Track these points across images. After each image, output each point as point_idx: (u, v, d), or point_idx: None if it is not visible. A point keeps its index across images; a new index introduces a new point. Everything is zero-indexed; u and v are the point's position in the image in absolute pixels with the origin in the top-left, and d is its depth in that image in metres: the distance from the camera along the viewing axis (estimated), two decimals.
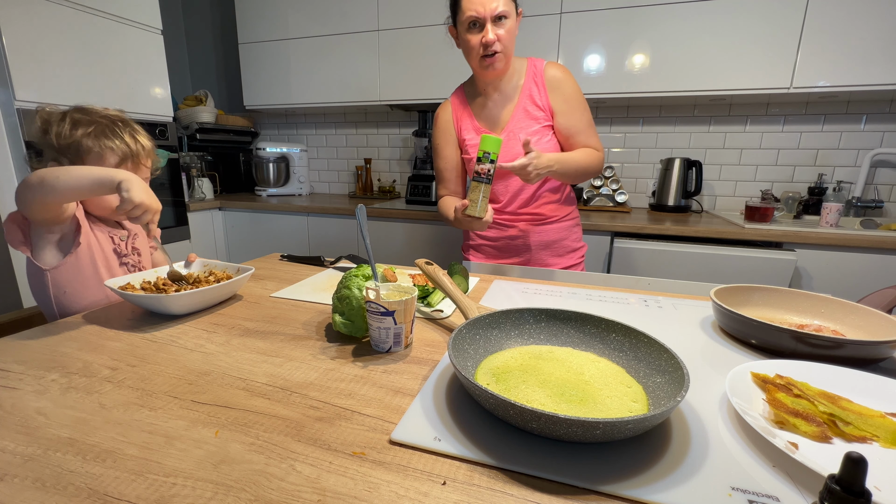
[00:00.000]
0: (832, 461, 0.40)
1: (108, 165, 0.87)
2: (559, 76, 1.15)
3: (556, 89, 1.15)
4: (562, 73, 1.16)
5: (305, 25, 2.35)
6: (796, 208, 1.93)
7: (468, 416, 0.47)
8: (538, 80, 1.16)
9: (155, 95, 2.01)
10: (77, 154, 0.85)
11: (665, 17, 1.80)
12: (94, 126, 0.87)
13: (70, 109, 0.89)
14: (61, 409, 0.48)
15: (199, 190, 2.43)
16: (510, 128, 1.17)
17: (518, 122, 1.17)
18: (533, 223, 1.23)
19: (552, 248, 1.25)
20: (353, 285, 0.65)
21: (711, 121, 2.11)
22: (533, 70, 1.16)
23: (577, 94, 1.16)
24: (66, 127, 0.85)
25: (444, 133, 1.24)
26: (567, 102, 1.15)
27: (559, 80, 1.15)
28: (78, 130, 0.85)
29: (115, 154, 0.88)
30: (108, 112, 0.91)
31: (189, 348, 0.64)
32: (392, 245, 2.17)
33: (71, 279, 0.85)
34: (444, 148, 1.25)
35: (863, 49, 1.60)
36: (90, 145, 0.86)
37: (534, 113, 1.16)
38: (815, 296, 0.74)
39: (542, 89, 1.15)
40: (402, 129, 2.65)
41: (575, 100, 1.16)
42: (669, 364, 0.50)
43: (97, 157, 0.87)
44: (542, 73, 1.16)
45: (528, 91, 1.16)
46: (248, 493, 0.37)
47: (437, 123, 1.26)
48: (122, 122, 0.91)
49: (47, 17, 1.58)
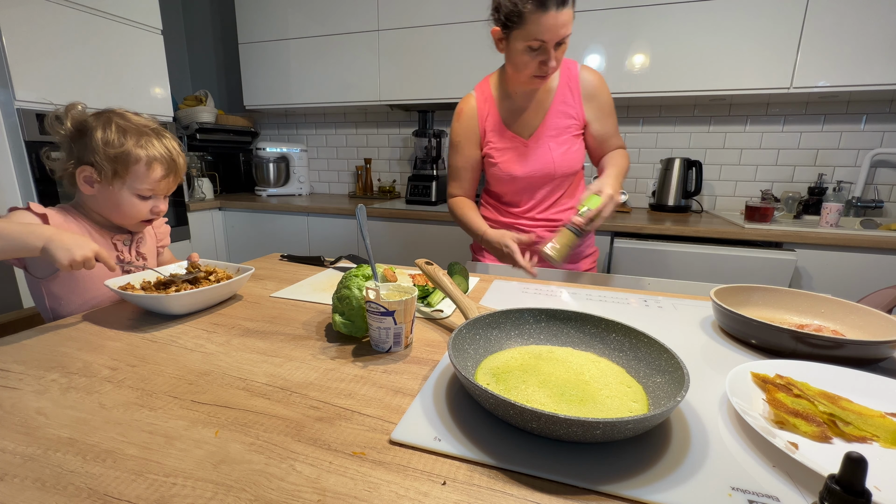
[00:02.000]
0: (832, 461, 0.40)
1: (154, 176, 0.86)
2: (594, 84, 1.12)
3: (590, 98, 1.12)
4: (597, 80, 1.12)
5: (305, 25, 2.35)
6: (796, 208, 1.93)
7: (468, 416, 0.47)
8: (572, 84, 1.12)
9: (155, 95, 2.01)
10: (125, 162, 0.84)
11: (665, 17, 1.80)
12: (144, 137, 0.85)
13: (108, 112, 0.86)
14: (61, 409, 0.48)
15: (199, 190, 2.43)
16: (539, 135, 1.14)
17: (548, 129, 1.13)
18: (550, 229, 1.20)
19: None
20: (353, 285, 0.65)
21: (711, 121, 2.11)
22: (567, 74, 1.12)
23: (609, 101, 1.14)
24: (113, 133, 0.83)
25: (467, 130, 1.18)
26: (601, 110, 1.13)
27: (594, 88, 1.12)
28: (128, 139, 0.83)
29: (162, 165, 0.87)
30: (142, 118, 0.90)
31: (189, 348, 0.64)
32: (392, 245, 2.17)
33: (66, 290, 0.85)
34: (465, 146, 1.20)
35: (863, 49, 1.60)
36: (140, 154, 0.84)
37: (565, 122, 1.13)
38: (815, 296, 0.74)
39: (575, 96, 1.12)
40: (402, 129, 2.65)
41: (608, 107, 1.14)
42: (669, 364, 0.50)
43: (145, 166, 0.85)
44: (576, 78, 1.12)
45: (561, 97, 1.12)
46: (248, 493, 0.37)
47: (459, 119, 1.19)
48: (164, 132, 0.90)
49: (47, 17, 1.58)
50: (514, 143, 1.15)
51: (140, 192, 0.87)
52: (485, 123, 1.17)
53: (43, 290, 0.85)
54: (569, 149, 1.14)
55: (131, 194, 0.86)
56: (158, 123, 0.92)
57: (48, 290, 0.85)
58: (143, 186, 0.86)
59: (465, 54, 2.10)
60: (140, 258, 0.95)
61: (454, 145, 1.22)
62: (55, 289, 0.85)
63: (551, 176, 1.16)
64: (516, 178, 1.16)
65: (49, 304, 0.86)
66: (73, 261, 0.70)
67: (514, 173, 1.16)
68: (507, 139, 1.16)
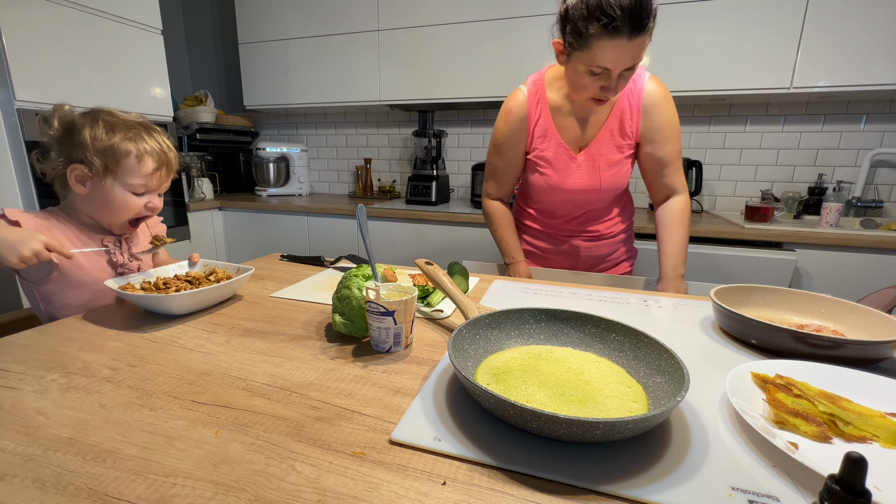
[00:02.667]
0: (832, 461, 0.40)
1: (145, 169, 0.86)
2: (658, 100, 1.00)
3: (650, 115, 1.01)
4: (662, 95, 1.00)
5: (305, 25, 2.35)
6: (796, 208, 1.93)
7: (468, 416, 0.47)
8: (633, 99, 1.01)
9: (155, 95, 2.01)
10: (115, 157, 0.84)
11: (665, 18, 1.80)
12: (132, 130, 0.85)
13: (96, 111, 0.87)
14: (61, 409, 0.48)
15: (199, 190, 2.43)
16: (592, 151, 1.05)
17: (601, 146, 1.04)
18: (587, 240, 1.15)
19: (601, 263, 1.19)
20: (353, 285, 0.65)
21: (711, 121, 2.11)
22: (630, 85, 1.01)
23: (672, 121, 1.02)
24: (101, 129, 0.83)
25: (515, 132, 1.08)
26: (660, 132, 1.02)
27: (656, 106, 1.00)
28: (116, 133, 0.84)
29: (153, 158, 0.87)
30: (130, 115, 0.90)
31: (189, 348, 0.64)
32: (392, 245, 2.17)
33: (59, 293, 0.85)
34: (509, 148, 1.10)
35: (863, 49, 1.60)
36: (129, 148, 0.84)
37: (619, 140, 1.04)
38: (815, 296, 0.74)
39: (635, 111, 1.02)
40: (402, 129, 2.65)
41: (669, 129, 1.02)
42: (669, 364, 0.50)
43: (136, 160, 0.85)
44: (639, 91, 1.01)
45: (619, 112, 1.02)
46: (248, 493, 0.37)
47: (507, 118, 1.08)
48: (153, 127, 0.90)
49: (47, 17, 1.58)
50: (562, 154, 1.06)
51: (133, 187, 0.86)
52: (533, 127, 1.07)
53: (36, 294, 0.85)
54: (619, 170, 1.05)
55: (124, 190, 0.86)
56: (148, 120, 0.92)
57: (41, 293, 0.85)
58: (136, 181, 0.86)
59: (466, 54, 2.10)
60: (134, 259, 0.94)
61: (497, 146, 1.13)
62: (47, 292, 0.85)
63: (596, 194, 1.09)
64: (557, 191, 1.09)
65: (44, 307, 0.86)
66: (24, 256, 0.71)
67: (558, 186, 1.08)
68: (556, 148, 1.07)
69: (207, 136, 2.53)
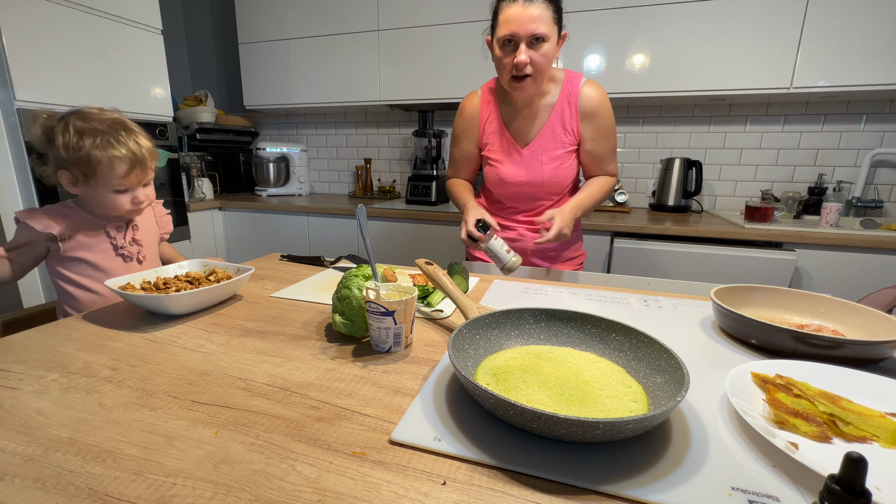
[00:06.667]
0: (832, 461, 0.40)
1: (118, 174, 0.88)
2: (594, 103, 1.10)
3: (589, 117, 1.11)
4: (598, 98, 1.10)
5: (305, 25, 2.35)
6: (796, 208, 1.93)
7: (468, 416, 0.47)
8: (572, 100, 1.11)
9: (155, 95, 2.01)
10: (88, 165, 0.86)
11: (665, 17, 1.80)
12: (99, 136, 0.86)
13: (69, 115, 0.88)
14: (61, 409, 0.48)
15: (199, 190, 2.43)
16: (535, 146, 1.15)
17: (544, 142, 1.14)
18: (531, 229, 1.22)
19: (547, 257, 1.25)
20: (353, 285, 0.65)
21: (711, 121, 2.11)
22: (568, 88, 1.11)
23: (609, 121, 1.12)
24: (71, 138, 0.85)
25: (467, 128, 1.22)
26: (597, 131, 1.12)
27: (594, 108, 1.10)
28: (85, 141, 0.85)
29: (124, 163, 0.88)
30: (105, 114, 0.91)
31: (189, 348, 0.64)
32: (392, 245, 2.17)
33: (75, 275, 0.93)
34: (463, 141, 1.24)
35: (863, 49, 1.60)
36: (99, 156, 0.86)
37: (561, 137, 1.13)
38: (815, 296, 0.74)
39: (573, 112, 1.11)
40: (402, 129, 2.65)
41: (606, 128, 1.12)
42: (669, 364, 0.50)
43: (107, 167, 0.87)
44: (576, 94, 1.10)
45: (559, 111, 1.12)
46: (248, 493, 0.37)
47: (462, 114, 1.23)
48: (123, 126, 0.91)
49: (47, 17, 1.58)
50: (510, 148, 1.17)
51: (114, 187, 0.90)
52: (485, 124, 1.20)
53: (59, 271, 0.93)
54: (560, 164, 1.14)
55: (107, 191, 0.90)
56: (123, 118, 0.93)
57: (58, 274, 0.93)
58: (113, 182, 0.90)
59: (465, 54, 2.09)
60: (135, 244, 1.00)
61: (455, 138, 1.26)
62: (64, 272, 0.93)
63: (539, 187, 1.18)
64: (505, 183, 1.19)
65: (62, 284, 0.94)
66: None
67: (505, 178, 1.18)
68: (505, 144, 1.18)
69: (207, 136, 2.53)
